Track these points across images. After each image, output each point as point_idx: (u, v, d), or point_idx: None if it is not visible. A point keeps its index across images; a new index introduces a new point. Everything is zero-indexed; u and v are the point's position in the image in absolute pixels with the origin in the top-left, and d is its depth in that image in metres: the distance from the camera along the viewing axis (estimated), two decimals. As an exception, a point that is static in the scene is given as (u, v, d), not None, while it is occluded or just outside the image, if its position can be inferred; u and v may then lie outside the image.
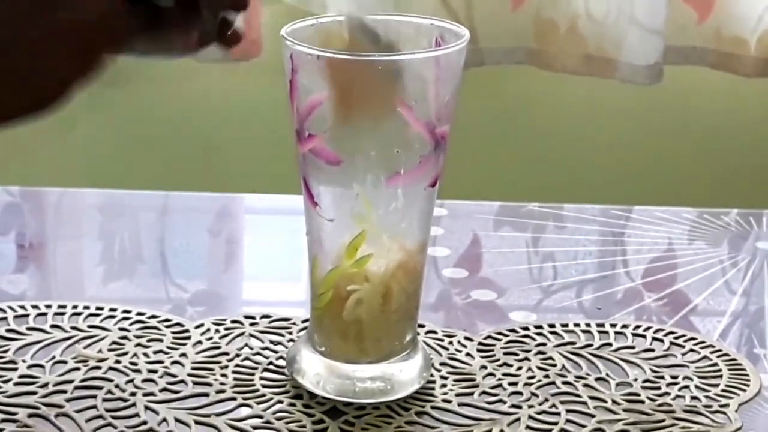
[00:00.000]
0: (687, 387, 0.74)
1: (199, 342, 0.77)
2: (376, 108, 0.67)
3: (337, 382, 0.71)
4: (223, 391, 0.72)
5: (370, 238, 0.69)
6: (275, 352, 0.76)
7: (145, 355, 0.75)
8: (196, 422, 0.70)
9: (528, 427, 0.70)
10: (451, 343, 0.78)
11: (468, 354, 0.77)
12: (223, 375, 0.74)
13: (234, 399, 0.72)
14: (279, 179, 1.31)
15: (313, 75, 0.67)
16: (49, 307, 0.80)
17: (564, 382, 0.74)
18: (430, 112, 0.68)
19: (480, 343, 0.78)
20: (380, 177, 0.69)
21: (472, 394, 0.73)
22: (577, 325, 0.81)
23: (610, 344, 0.79)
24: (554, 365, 0.76)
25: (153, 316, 0.80)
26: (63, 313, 0.80)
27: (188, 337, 0.78)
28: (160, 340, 0.77)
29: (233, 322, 0.80)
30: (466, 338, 0.79)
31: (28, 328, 0.78)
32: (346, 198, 0.69)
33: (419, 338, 0.74)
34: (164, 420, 0.70)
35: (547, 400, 0.73)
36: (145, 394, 0.72)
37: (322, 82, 0.67)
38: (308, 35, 0.70)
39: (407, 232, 0.70)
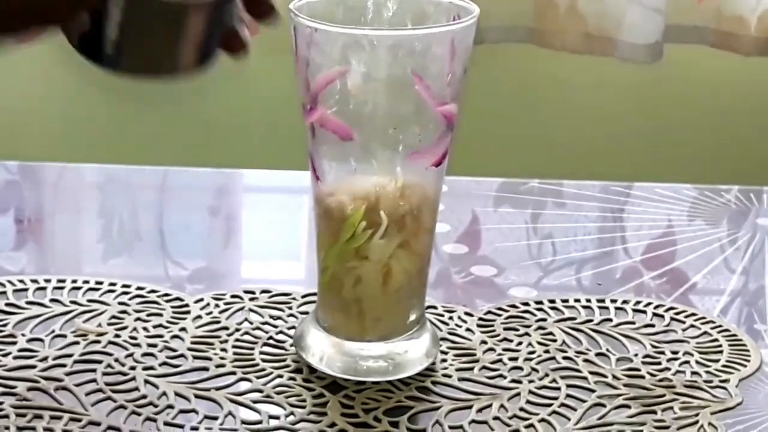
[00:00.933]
0: (687, 362, 0.74)
1: (199, 316, 0.77)
2: None
3: (341, 360, 0.71)
4: (222, 366, 0.72)
5: (369, 216, 0.69)
6: (275, 326, 0.76)
7: (145, 329, 0.75)
8: (196, 396, 0.69)
9: (528, 401, 0.70)
10: (451, 318, 0.78)
11: (468, 329, 0.77)
12: (223, 349, 0.74)
13: (234, 373, 0.72)
14: (278, 155, 1.31)
15: (326, 50, 0.67)
16: (48, 281, 0.80)
17: (564, 357, 0.74)
18: (443, 90, 0.68)
19: (480, 319, 0.78)
20: (386, 154, 0.68)
21: (472, 369, 0.73)
22: (577, 300, 0.81)
23: (610, 320, 0.79)
24: (554, 340, 0.76)
25: (152, 291, 0.79)
26: (62, 288, 0.79)
27: (188, 312, 0.77)
28: (160, 315, 0.77)
29: (233, 296, 0.79)
30: (467, 314, 0.79)
31: (28, 302, 0.78)
32: (348, 173, 0.69)
33: (426, 318, 0.74)
34: (164, 394, 0.69)
35: (547, 375, 0.73)
36: (144, 368, 0.72)
37: (336, 57, 0.67)
38: (325, 9, 0.69)
39: (410, 211, 0.70)
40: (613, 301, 0.81)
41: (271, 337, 0.75)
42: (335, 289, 0.71)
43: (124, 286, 0.80)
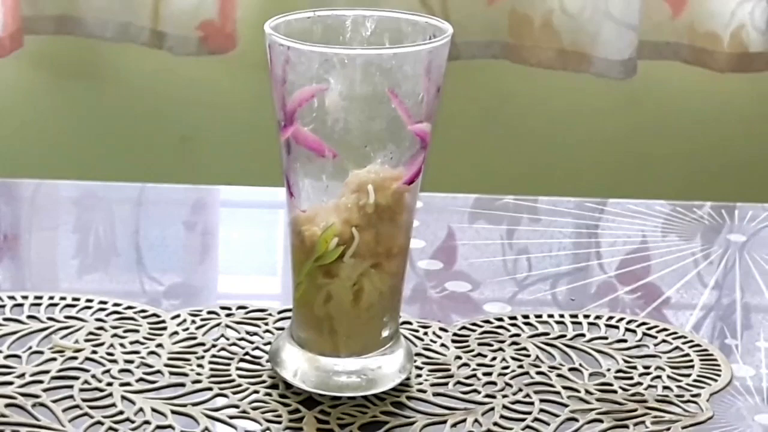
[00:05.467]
0: (659, 377, 0.75)
1: (176, 332, 0.77)
2: None
3: (316, 375, 0.72)
4: (199, 381, 0.73)
5: (341, 233, 0.69)
6: (251, 342, 0.77)
7: (122, 345, 0.76)
8: (173, 412, 0.70)
9: (502, 416, 0.71)
10: (426, 333, 0.79)
11: (443, 344, 0.78)
12: (200, 365, 0.74)
13: (210, 389, 0.72)
14: (254, 171, 1.32)
15: (303, 68, 0.68)
16: (25, 297, 0.80)
17: (538, 372, 0.75)
18: (416, 108, 0.69)
19: (455, 334, 0.79)
20: (358, 171, 0.69)
21: (446, 384, 0.74)
22: (550, 316, 0.81)
23: (583, 335, 0.80)
24: (528, 356, 0.77)
25: (129, 307, 0.80)
26: (39, 304, 0.80)
27: (164, 328, 0.78)
28: (137, 331, 0.77)
29: (209, 312, 0.80)
30: (441, 329, 0.79)
31: (5, 319, 0.78)
32: (321, 190, 0.70)
33: (401, 333, 0.75)
34: (141, 410, 0.70)
35: (521, 389, 0.73)
36: (121, 384, 0.72)
37: (311, 75, 0.67)
38: (303, 28, 0.70)
39: (381, 229, 0.70)
40: (586, 316, 0.82)
41: (247, 353, 0.76)
42: (307, 305, 0.71)
43: (101, 302, 0.80)
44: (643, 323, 0.81)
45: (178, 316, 0.79)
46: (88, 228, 0.93)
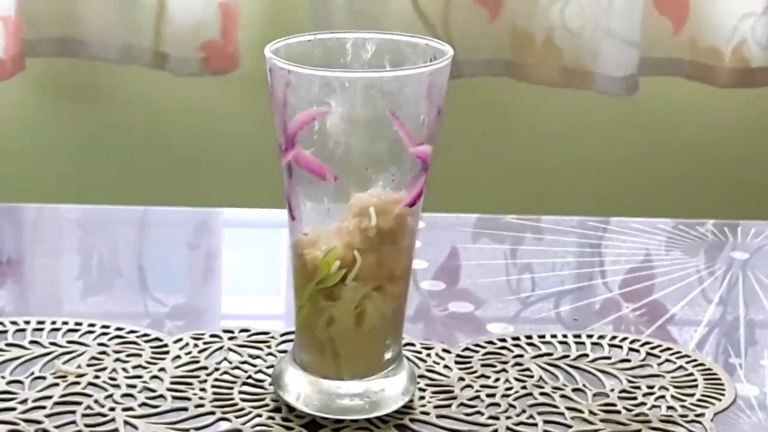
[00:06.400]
0: (663, 397, 0.75)
1: (178, 356, 0.77)
2: None
3: (318, 398, 0.72)
4: (202, 406, 0.73)
5: (343, 256, 0.69)
6: (254, 365, 0.77)
7: (124, 370, 0.76)
8: (176, 437, 0.70)
9: (506, 438, 0.71)
10: (429, 355, 0.79)
11: (446, 366, 0.77)
12: (202, 389, 0.74)
13: (213, 413, 0.72)
14: (258, 193, 1.32)
15: (304, 91, 0.68)
16: (27, 322, 0.80)
17: (541, 393, 0.75)
18: (417, 131, 0.69)
19: (458, 355, 0.79)
20: (359, 194, 0.69)
21: (450, 405, 0.74)
22: (554, 336, 0.81)
23: (586, 355, 0.79)
24: (531, 376, 0.77)
25: (132, 331, 0.80)
26: (42, 329, 0.80)
27: (167, 352, 0.78)
28: (139, 355, 0.77)
29: (212, 336, 0.80)
30: (444, 350, 0.79)
31: (7, 344, 0.78)
32: (323, 213, 0.70)
33: (404, 355, 0.74)
34: (143, 435, 0.70)
35: (524, 411, 0.73)
36: (124, 409, 0.72)
37: (312, 98, 0.67)
38: (303, 51, 0.70)
39: (383, 252, 0.70)
40: (590, 336, 0.82)
41: (250, 377, 0.76)
42: (310, 328, 0.71)
43: (104, 326, 0.80)
44: (647, 342, 0.81)
45: (180, 339, 0.79)
46: (91, 251, 0.93)
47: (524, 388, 0.75)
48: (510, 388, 0.75)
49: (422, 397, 0.74)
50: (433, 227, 0.96)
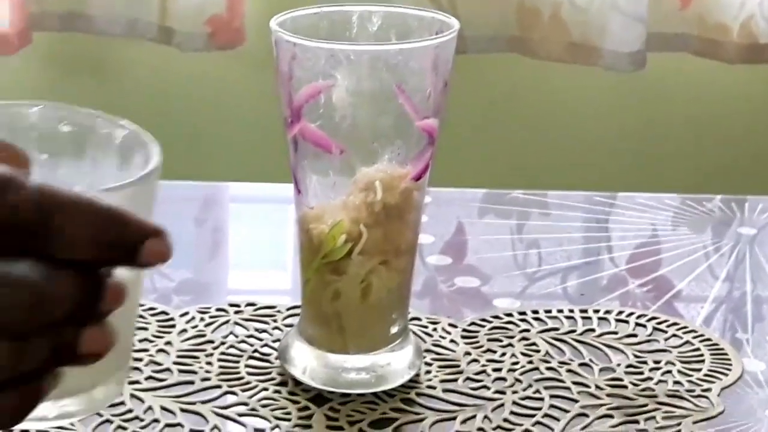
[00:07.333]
0: (669, 372, 0.75)
1: (184, 330, 0.77)
2: None
3: (324, 372, 0.72)
4: (208, 379, 0.73)
5: (349, 230, 0.69)
6: (260, 339, 0.77)
7: (131, 343, 0.76)
8: (182, 410, 0.70)
9: (512, 412, 0.71)
10: (435, 329, 0.79)
11: (452, 341, 0.77)
12: (209, 363, 0.74)
13: (219, 387, 0.72)
14: (264, 167, 1.32)
15: (309, 64, 0.67)
16: (34, 296, 0.80)
17: (547, 368, 0.75)
18: (424, 104, 0.68)
19: (464, 330, 0.79)
20: (368, 168, 0.69)
21: (456, 380, 0.74)
22: (560, 311, 0.81)
23: (593, 330, 0.79)
24: (538, 351, 0.77)
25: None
26: (48, 303, 0.80)
27: (173, 326, 0.78)
28: (145, 329, 0.77)
29: (218, 310, 0.80)
30: (451, 325, 0.79)
31: (13, 318, 0.78)
32: (328, 187, 0.70)
33: (410, 329, 0.74)
34: (150, 408, 0.70)
35: (530, 385, 0.73)
36: (130, 383, 0.72)
37: (318, 71, 0.67)
38: (309, 23, 0.70)
39: (389, 227, 0.70)
40: (596, 311, 0.81)
41: (256, 350, 0.76)
42: (316, 302, 0.71)
43: (110, 300, 0.80)
44: (654, 318, 0.81)
45: (186, 313, 0.79)
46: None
47: (530, 362, 0.75)
48: (516, 363, 0.75)
49: (428, 372, 0.74)
50: (440, 202, 0.96)
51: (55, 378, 0.44)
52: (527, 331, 0.79)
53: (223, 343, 0.76)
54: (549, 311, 0.81)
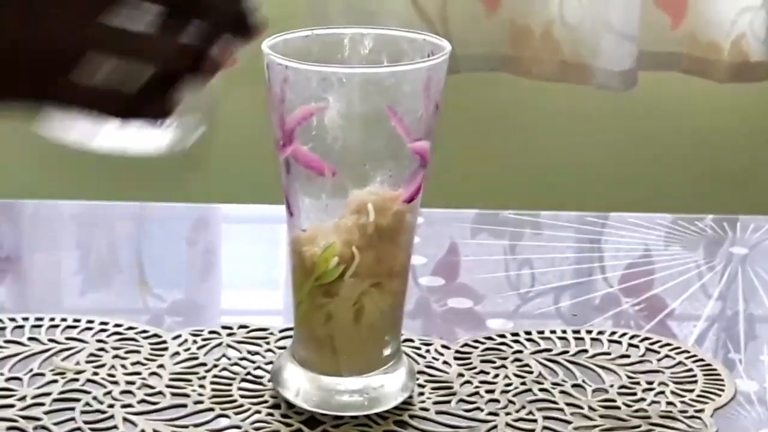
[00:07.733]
0: (662, 392, 0.75)
1: (177, 353, 0.77)
2: None
3: (317, 395, 0.72)
4: (201, 402, 0.72)
5: (341, 252, 0.69)
6: (253, 362, 0.77)
7: (123, 366, 0.75)
8: (175, 433, 0.70)
9: (505, 434, 0.71)
10: (428, 351, 0.78)
11: (445, 362, 0.77)
12: (201, 386, 0.74)
13: (212, 410, 0.72)
14: (256, 188, 1.31)
15: (301, 87, 0.67)
16: (26, 319, 0.80)
17: (541, 389, 0.75)
18: (415, 126, 0.68)
19: (457, 351, 0.78)
20: (359, 190, 0.69)
21: (449, 402, 0.73)
22: (553, 332, 0.81)
23: (586, 351, 0.79)
24: (531, 372, 0.77)
25: (130, 328, 0.80)
26: (40, 326, 0.80)
27: (166, 348, 0.78)
28: (138, 352, 0.77)
29: (211, 332, 0.80)
30: (443, 346, 0.79)
31: (6, 341, 0.78)
32: (320, 209, 0.70)
33: (402, 351, 0.74)
34: (142, 431, 0.70)
35: (524, 407, 0.73)
36: (123, 406, 0.72)
37: (310, 94, 0.67)
38: (301, 46, 0.70)
39: (382, 249, 0.70)
40: (589, 332, 0.81)
41: (249, 373, 0.75)
42: (308, 324, 0.71)
43: (102, 323, 0.80)
44: (646, 338, 0.81)
45: (179, 336, 0.79)
46: (89, 247, 0.93)
47: (524, 383, 0.75)
48: (509, 384, 0.75)
49: (421, 393, 0.74)
50: (432, 223, 0.96)
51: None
52: (520, 352, 0.79)
53: (215, 366, 0.76)
54: (542, 332, 0.81)
